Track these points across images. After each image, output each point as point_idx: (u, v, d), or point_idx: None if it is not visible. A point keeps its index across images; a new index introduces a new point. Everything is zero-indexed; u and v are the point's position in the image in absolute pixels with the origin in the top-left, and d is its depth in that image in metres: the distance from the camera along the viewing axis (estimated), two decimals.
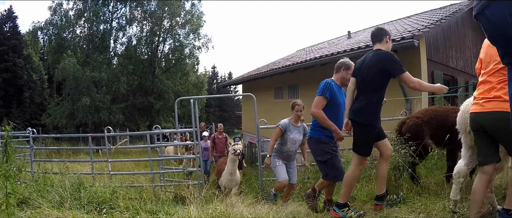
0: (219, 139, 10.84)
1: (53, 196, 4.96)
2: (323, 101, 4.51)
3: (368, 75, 4.02)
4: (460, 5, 12.58)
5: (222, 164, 8.26)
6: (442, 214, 3.86)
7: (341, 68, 4.74)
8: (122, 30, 32.04)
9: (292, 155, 5.93)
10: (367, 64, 4.07)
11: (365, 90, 4.09)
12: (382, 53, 4.05)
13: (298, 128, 5.83)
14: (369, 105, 4.03)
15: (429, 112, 5.25)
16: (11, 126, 5.53)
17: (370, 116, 4.04)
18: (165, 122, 31.98)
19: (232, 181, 7.37)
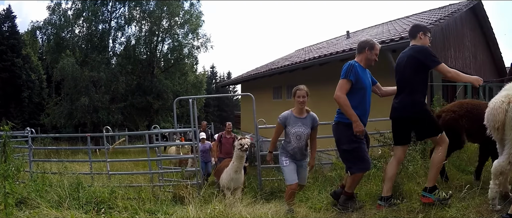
0: (227, 139, 9.75)
1: (52, 196, 4.95)
2: (347, 84, 4.23)
3: (405, 70, 4.22)
4: (458, 5, 12.59)
5: (224, 163, 7.59)
6: (441, 214, 3.86)
7: (365, 48, 4.47)
8: (120, 30, 32.10)
9: (300, 153, 4.94)
10: (403, 60, 4.30)
11: (406, 85, 4.24)
12: (416, 47, 4.27)
13: (303, 120, 4.87)
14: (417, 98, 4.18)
15: (465, 105, 5.07)
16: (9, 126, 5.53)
17: (423, 105, 4.23)
18: (164, 122, 32.02)
19: (235, 181, 6.68)
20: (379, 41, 9.15)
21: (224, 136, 9.84)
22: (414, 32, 4.39)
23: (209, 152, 10.21)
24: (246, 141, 6.57)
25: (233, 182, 6.65)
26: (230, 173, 6.65)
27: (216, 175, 7.78)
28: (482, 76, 4.71)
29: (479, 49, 13.99)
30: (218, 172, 7.45)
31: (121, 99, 30.07)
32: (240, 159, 6.59)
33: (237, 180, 6.72)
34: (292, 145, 4.86)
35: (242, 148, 6.50)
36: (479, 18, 13.76)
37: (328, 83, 12.47)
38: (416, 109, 4.15)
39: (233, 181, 6.65)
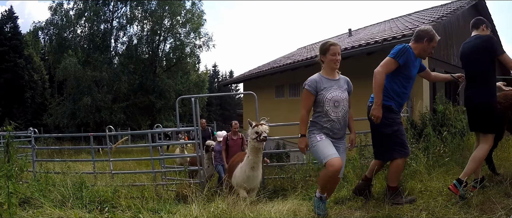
0: (234, 140, 8.14)
1: (55, 195, 4.98)
2: (392, 64, 4.01)
3: (472, 59, 4.28)
4: (461, 3, 12.54)
5: (238, 157, 6.55)
6: (444, 212, 3.85)
7: (423, 38, 4.25)
8: (122, 30, 32.13)
9: (339, 126, 4.00)
10: (469, 49, 4.32)
11: (477, 75, 4.24)
12: (482, 36, 4.26)
13: (337, 82, 4.08)
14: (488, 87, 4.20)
15: (509, 96, 4.87)
16: (12, 126, 5.55)
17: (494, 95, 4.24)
18: (166, 121, 32.01)
19: (251, 180, 5.69)
20: (381, 39, 9.15)
21: (230, 138, 8.18)
22: (477, 24, 4.40)
23: None
24: (264, 128, 5.38)
25: (248, 181, 5.66)
26: (245, 170, 5.64)
27: (228, 172, 6.61)
28: None
29: None
30: (231, 169, 6.40)
31: (123, 98, 30.10)
32: (256, 152, 5.52)
33: (254, 179, 5.71)
34: (329, 116, 3.95)
35: (258, 137, 5.36)
36: (482, 15, 13.68)
37: None
38: (485, 98, 4.17)
39: (249, 180, 5.66)
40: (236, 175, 5.95)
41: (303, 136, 3.99)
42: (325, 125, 3.95)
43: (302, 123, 4.00)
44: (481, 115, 4.17)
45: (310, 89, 3.99)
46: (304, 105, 4.04)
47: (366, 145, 6.93)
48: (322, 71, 4.16)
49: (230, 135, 8.34)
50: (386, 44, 8.70)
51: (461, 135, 6.52)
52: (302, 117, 4.00)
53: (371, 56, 9.83)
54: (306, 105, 4.02)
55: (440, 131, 6.59)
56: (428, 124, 7.24)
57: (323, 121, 3.95)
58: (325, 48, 4.08)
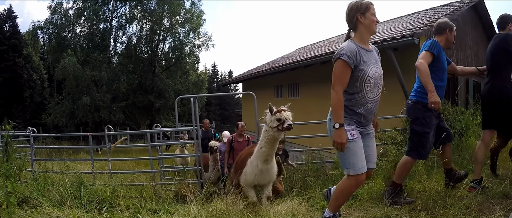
0: (239, 143, 7.54)
1: (54, 195, 4.97)
2: (430, 57, 4.07)
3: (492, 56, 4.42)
4: (460, 4, 12.55)
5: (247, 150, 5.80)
6: (443, 212, 3.86)
7: (445, 29, 4.40)
8: (122, 29, 32.10)
9: (372, 111, 3.29)
10: (492, 48, 4.46)
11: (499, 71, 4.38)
12: (502, 35, 4.39)
13: (373, 55, 3.31)
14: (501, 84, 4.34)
15: None
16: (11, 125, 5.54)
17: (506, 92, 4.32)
18: (165, 121, 32.01)
19: (264, 175, 5.05)
20: (381, 39, 9.15)
21: (236, 140, 7.56)
22: (503, 23, 4.50)
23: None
24: (288, 115, 4.59)
25: (262, 176, 5.04)
26: (257, 164, 4.96)
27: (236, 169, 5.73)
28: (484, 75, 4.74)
29: (481, 47, 13.94)
30: (238, 166, 5.61)
31: (122, 98, 30.09)
32: (273, 143, 4.79)
33: (267, 173, 5.06)
34: (366, 99, 3.20)
35: (280, 125, 4.55)
36: (481, 16, 13.72)
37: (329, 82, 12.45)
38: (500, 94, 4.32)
39: (262, 175, 5.02)
40: (247, 172, 5.17)
41: (341, 127, 3.06)
42: (359, 111, 3.19)
43: (340, 107, 3.08)
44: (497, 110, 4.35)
45: (350, 61, 3.06)
46: (340, 82, 3.12)
47: None
48: (356, 39, 3.25)
49: (236, 136, 7.66)
50: (385, 45, 8.70)
51: (459, 135, 6.53)
52: (339, 100, 3.08)
53: None
54: (343, 82, 3.12)
55: None
56: None
57: (357, 105, 3.18)
58: (365, 6, 3.22)
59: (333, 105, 3.10)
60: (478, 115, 7.29)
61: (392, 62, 8.60)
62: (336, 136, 3.07)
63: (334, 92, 3.08)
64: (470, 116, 6.94)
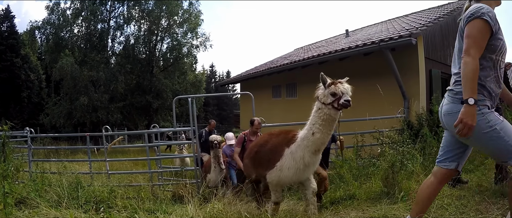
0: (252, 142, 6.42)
1: (51, 195, 4.96)
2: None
3: None
4: (457, 4, 12.58)
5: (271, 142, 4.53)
6: (441, 212, 3.87)
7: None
8: (119, 29, 31.97)
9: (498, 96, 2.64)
10: None
11: None
12: None
13: None
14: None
15: None
16: (8, 125, 5.53)
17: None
18: (163, 121, 31.96)
19: (311, 168, 4.20)
20: (378, 39, 9.16)
21: (249, 139, 6.81)
22: None
23: None
24: (346, 88, 3.79)
25: (302, 173, 4.11)
26: (304, 156, 3.99)
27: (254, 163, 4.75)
28: None
29: None
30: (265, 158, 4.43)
31: (120, 98, 30.01)
32: (329, 125, 3.88)
33: (312, 167, 4.19)
34: (500, 76, 2.59)
35: (336, 101, 3.75)
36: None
37: None
38: None
39: (304, 171, 4.09)
40: (285, 167, 4.11)
41: (475, 103, 2.36)
42: (497, 90, 2.56)
43: (475, 78, 2.39)
44: None
45: (492, 23, 2.45)
46: (478, 45, 2.45)
47: (363, 146, 6.96)
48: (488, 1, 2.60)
49: (248, 135, 6.86)
50: (383, 45, 8.72)
51: None
52: (475, 67, 2.40)
53: (368, 57, 9.86)
54: (481, 46, 2.46)
55: (437, 131, 6.62)
56: (424, 124, 7.28)
57: (494, 82, 2.54)
58: None
59: (466, 73, 2.41)
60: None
61: (389, 63, 8.61)
62: (466, 114, 2.37)
63: (470, 58, 2.41)
64: None
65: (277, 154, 4.23)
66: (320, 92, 3.95)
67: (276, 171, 4.19)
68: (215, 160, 7.14)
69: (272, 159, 4.27)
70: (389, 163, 4.91)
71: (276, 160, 4.21)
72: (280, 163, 4.17)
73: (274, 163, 4.22)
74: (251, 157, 4.85)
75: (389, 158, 5.02)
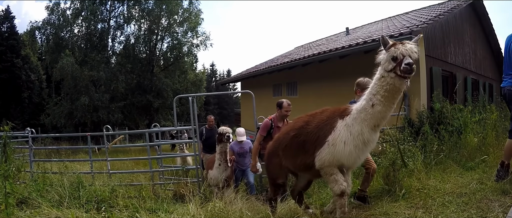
0: (280, 130, 5.64)
1: (53, 195, 4.96)
2: None
3: None
4: (458, 1, 12.57)
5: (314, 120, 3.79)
6: (441, 209, 3.86)
7: None
8: (120, 29, 32.05)
9: None
10: None
11: None
12: None
13: None
14: None
15: None
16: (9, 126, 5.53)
17: None
18: (164, 120, 31.99)
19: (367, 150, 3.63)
20: (378, 37, 9.16)
21: (276, 125, 6.02)
22: None
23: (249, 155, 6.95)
24: (408, 48, 3.21)
25: (360, 153, 3.50)
26: (361, 131, 3.41)
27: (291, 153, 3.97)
28: (482, 72, 4.77)
29: (479, 44, 13.97)
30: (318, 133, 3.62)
31: (121, 98, 30.04)
32: (393, 96, 3.34)
33: (369, 148, 3.63)
34: None
35: (398, 66, 3.18)
36: (479, 14, 13.74)
37: (328, 80, 12.50)
38: None
39: (363, 150, 3.50)
40: (341, 140, 3.43)
41: None
42: None
43: None
44: None
45: None
46: None
47: None
48: None
49: (276, 120, 6.05)
50: None
51: (458, 133, 6.54)
52: None
53: (368, 55, 9.84)
54: None
55: (437, 129, 6.61)
56: (425, 122, 7.27)
57: None
58: None
59: None
60: (476, 113, 7.30)
61: None
62: None
63: None
64: (468, 113, 6.95)
65: (327, 128, 3.55)
66: (382, 57, 3.40)
67: (328, 148, 3.47)
68: (221, 156, 6.41)
69: (320, 136, 3.55)
70: (390, 160, 4.91)
71: (326, 134, 3.51)
72: (333, 137, 3.47)
73: (324, 138, 3.51)
74: (287, 146, 3.98)
75: (390, 155, 5.01)
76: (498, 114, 6.96)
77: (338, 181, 3.53)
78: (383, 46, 3.37)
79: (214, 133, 8.25)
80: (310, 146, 3.65)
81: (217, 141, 6.36)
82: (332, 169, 3.54)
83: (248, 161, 6.85)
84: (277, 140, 4.29)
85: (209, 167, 6.69)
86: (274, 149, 4.24)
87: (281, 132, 4.44)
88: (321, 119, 3.70)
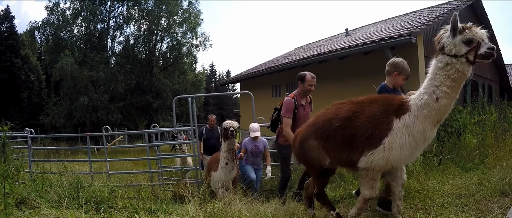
0: (303, 108, 5.52)
1: (52, 196, 4.96)
2: None
3: None
4: (457, 3, 12.59)
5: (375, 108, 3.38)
6: (440, 211, 3.87)
7: None
8: (119, 29, 32.04)
9: None
10: None
11: None
12: None
13: None
14: None
15: None
16: (9, 126, 5.52)
17: None
18: (163, 121, 31.96)
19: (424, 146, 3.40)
20: (378, 38, 9.16)
21: (299, 104, 5.39)
22: None
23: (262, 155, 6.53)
24: (482, 33, 2.92)
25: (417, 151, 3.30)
26: (424, 128, 3.14)
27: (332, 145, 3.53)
28: (481, 73, 4.74)
29: None
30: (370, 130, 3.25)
31: (120, 98, 30.02)
32: (459, 85, 3.03)
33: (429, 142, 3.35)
34: None
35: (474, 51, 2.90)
36: (478, 15, 13.75)
37: (327, 81, 12.51)
38: None
39: (422, 147, 3.30)
40: (398, 145, 3.13)
41: None
42: None
43: None
44: None
45: None
46: None
47: None
48: None
49: (298, 97, 5.38)
50: (383, 44, 8.72)
51: (457, 134, 6.55)
52: None
53: (368, 56, 9.86)
54: None
55: (437, 130, 6.61)
56: None
57: None
58: None
59: None
60: (475, 114, 7.31)
61: None
62: None
63: None
64: (468, 114, 6.96)
65: (383, 127, 3.19)
66: (447, 41, 2.99)
67: (384, 151, 3.15)
68: (229, 154, 5.61)
69: (375, 136, 3.21)
70: None
71: (381, 136, 3.17)
72: (390, 140, 3.14)
73: (379, 140, 3.18)
74: (330, 136, 3.52)
75: None
76: (497, 115, 6.98)
77: (374, 188, 3.37)
78: (453, 28, 2.95)
79: (216, 133, 8.18)
80: (360, 144, 3.29)
81: (223, 137, 5.65)
82: (378, 174, 3.36)
83: (261, 161, 6.45)
84: (314, 126, 3.75)
85: (212, 168, 6.05)
86: (309, 134, 3.76)
87: (318, 117, 3.79)
88: (372, 112, 3.31)
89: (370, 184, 3.33)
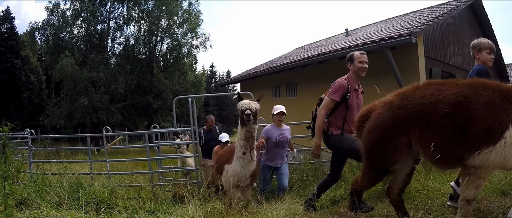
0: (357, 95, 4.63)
1: (52, 196, 4.95)
2: None
3: None
4: (457, 3, 12.58)
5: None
6: (441, 211, 3.86)
7: None
8: (119, 30, 32.10)
9: None
10: None
11: None
12: None
13: None
14: None
15: None
16: (9, 127, 5.52)
17: None
18: (163, 121, 31.97)
19: None
20: (378, 38, 9.16)
21: (352, 86, 4.54)
22: None
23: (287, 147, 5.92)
24: None
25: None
26: None
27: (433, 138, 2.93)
28: None
29: None
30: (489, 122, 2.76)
31: (120, 99, 30.03)
32: None
33: None
34: None
35: None
36: (478, 15, 13.74)
37: (327, 81, 12.48)
38: None
39: None
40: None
41: None
42: None
43: None
44: None
45: None
46: None
47: None
48: None
49: (351, 81, 4.51)
50: (383, 44, 8.71)
51: None
52: None
53: (368, 56, 9.83)
54: None
55: None
56: None
57: None
58: None
59: None
60: None
61: (389, 61, 8.61)
62: None
63: None
64: None
65: (504, 117, 2.72)
66: None
67: (504, 148, 2.71)
68: (247, 142, 4.57)
69: (495, 127, 2.72)
70: None
71: (502, 128, 2.71)
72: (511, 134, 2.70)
73: (500, 133, 2.71)
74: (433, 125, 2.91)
75: None
76: None
77: (480, 187, 2.92)
78: None
79: (214, 135, 7.89)
80: (475, 137, 2.74)
81: (240, 122, 4.74)
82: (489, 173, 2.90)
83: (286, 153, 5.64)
84: (404, 109, 3.03)
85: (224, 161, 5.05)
86: (393, 119, 3.08)
87: (407, 98, 3.09)
88: (490, 98, 2.77)
89: (476, 184, 2.88)
